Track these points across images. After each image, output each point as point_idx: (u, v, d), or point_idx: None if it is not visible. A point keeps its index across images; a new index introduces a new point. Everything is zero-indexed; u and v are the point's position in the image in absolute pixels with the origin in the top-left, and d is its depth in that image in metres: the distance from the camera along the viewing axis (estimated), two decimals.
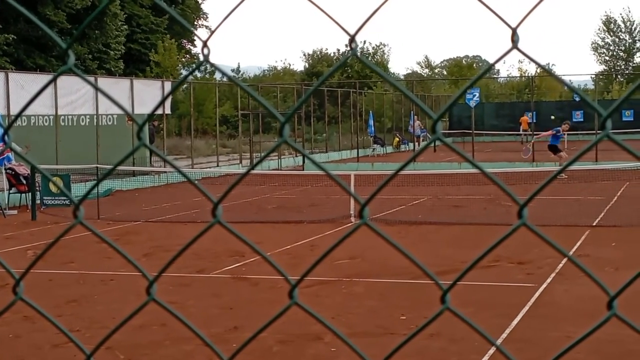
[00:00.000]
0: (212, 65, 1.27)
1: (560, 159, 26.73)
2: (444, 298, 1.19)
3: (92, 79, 25.07)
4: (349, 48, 1.14)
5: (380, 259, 12.35)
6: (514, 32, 1.08)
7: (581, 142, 46.10)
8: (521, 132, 46.33)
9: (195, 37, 54.96)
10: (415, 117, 44.21)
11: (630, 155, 1.14)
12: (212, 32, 1.26)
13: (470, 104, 37.98)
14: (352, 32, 1.18)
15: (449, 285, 1.21)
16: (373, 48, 73.85)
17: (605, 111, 1.05)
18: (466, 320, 1.23)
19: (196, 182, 1.34)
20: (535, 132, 32.89)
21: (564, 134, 27.81)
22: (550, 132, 27.53)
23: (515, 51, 1.13)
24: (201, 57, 1.27)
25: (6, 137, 1.39)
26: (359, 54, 1.19)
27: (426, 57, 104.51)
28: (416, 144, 43.22)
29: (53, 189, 20.03)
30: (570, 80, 72.45)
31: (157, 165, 29.44)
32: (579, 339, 1.18)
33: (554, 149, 27.11)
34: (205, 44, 1.21)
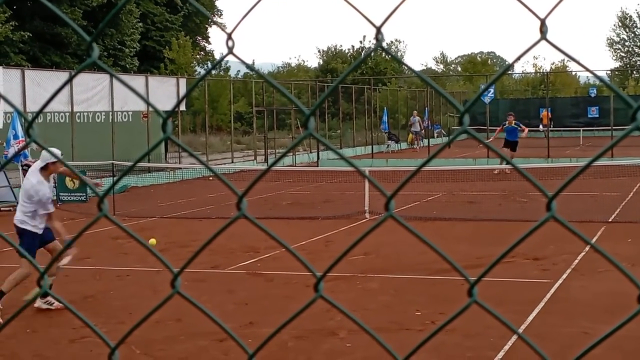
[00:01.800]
0: (237, 57, 1.27)
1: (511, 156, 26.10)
2: (471, 291, 1.19)
3: (107, 76, 24.97)
4: (374, 40, 1.14)
5: (395, 255, 12.34)
6: (543, 22, 1.07)
7: (597, 138, 45.83)
8: (541, 129, 45.94)
9: (212, 32, 55.01)
10: (415, 112, 44.23)
11: None
12: (238, 24, 1.26)
13: (485, 100, 37.81)
14: (377, 24, 1.17)
15: (476, 279, 1.20)
16: (387, 44, 73.78)
17: (636, 103, 1.05)
18: (494, 313, 1.22)
19: (221, 175, 1.34)
20: (552, 128, 32.65)
21: (521, 127, 27.35)
22: (499, 129, 27.39)
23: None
24: (216, 54, 1.27)
25: (30, 131, 1.40)
26: (383, 46, 1.18)
27: (442, 53, 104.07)
28: (416, 141, 43.27)
29: (69, 185, 20.13)
30: (587, 77, 72.16)
31: (172, 162, 29.52)
32: (607, 334, 1.18)
33: (513, 145, 26.45)
34: (229, 37, 1.20)
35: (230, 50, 1.22)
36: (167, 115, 1.26)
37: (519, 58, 1.13)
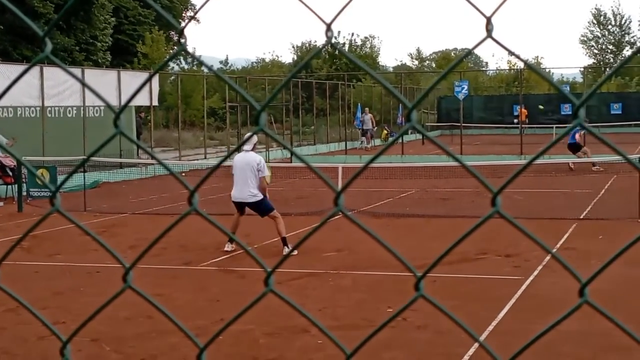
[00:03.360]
0: (187, 53, 1.27)
1: (584, 154, 25.36)
2: (418, 285, 1.20)
3: (78, 70, 24.77)
4: (325, 37, 1.15)
5: (368, 251, 12.36)
6: (489, 21, 1.08)
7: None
8: (519, 125, 45.95)
9: (186, 26, 54.75)
10: (367, 109, 43.57)
11: (601, 142, 1.14)
12: (189, 20, 1.25)
13: (459, 96, 37.97)
14: (328, 20, 1.17)
15: (422, 274, 1.21)
16: (361, 40, 73.84)
17: (578, 101, 1.06)
18: (441, 307, 1.23)
19: (174, 171, 1.34)
20: (527, 125, 32.51)
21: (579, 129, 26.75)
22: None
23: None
24: (189, 49, 1.26)
25: None
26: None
27: (418, 49, 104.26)
28: (365, 139, 42.23)
29: (39, 181, 19.98)
30: (561, 74, 72.64)
31: (144, 158, 29.35)
32: (546, 329, 1.19)
33: (576, 147, 25.72)
34: (182, 33, 1.20)
35: (183, 47, 1.22)
36: (119, 110, 1.26)
37: (463, 57, 1.14)
